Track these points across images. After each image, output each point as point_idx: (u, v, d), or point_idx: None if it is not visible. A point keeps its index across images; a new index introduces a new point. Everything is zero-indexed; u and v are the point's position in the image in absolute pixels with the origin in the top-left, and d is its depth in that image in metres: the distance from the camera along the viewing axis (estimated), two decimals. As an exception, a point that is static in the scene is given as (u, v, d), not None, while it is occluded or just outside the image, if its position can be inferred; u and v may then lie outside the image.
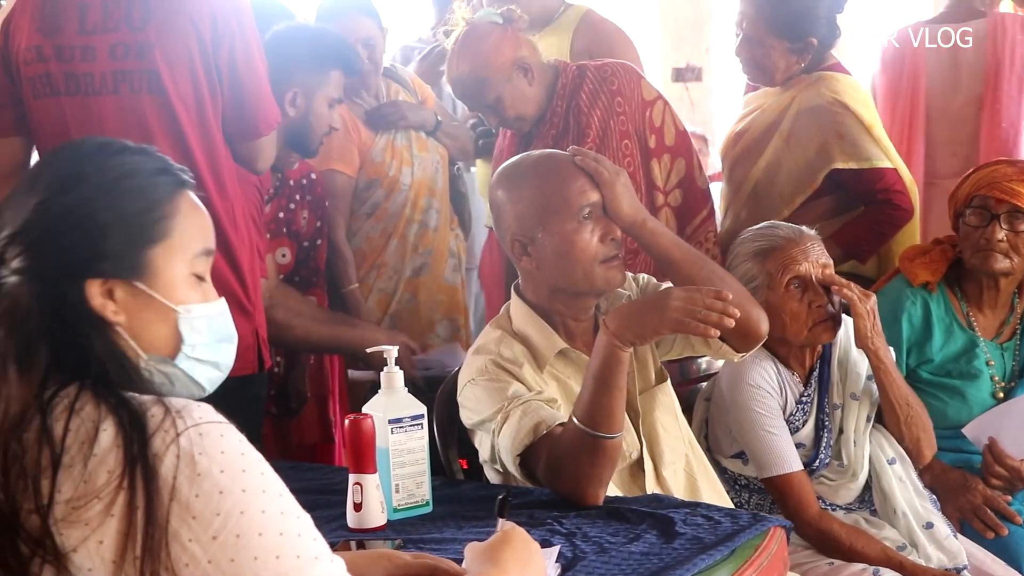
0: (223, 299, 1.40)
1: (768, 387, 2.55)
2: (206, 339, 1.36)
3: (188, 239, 1.34)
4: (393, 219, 3.54)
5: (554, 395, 2.18)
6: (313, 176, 3.26)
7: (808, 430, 2.59)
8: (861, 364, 2.62)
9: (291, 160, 3.12)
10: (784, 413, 2.56)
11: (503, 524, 1.53)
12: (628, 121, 3.14)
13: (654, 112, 3.11)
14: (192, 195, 1.37)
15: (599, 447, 1.98)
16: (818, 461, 2.58)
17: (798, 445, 2.56)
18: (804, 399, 2.60)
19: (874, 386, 2.61)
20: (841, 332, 2.61)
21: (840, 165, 3.14)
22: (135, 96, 2.48)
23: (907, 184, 3.22)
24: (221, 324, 1.38)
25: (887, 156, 3.18)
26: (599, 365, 2.01)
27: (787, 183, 3.21)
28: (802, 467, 2.54)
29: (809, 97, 3.19)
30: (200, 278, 1.36)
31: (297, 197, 3.21)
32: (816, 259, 2.57)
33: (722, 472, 2.62)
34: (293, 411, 3.24)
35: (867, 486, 2.63)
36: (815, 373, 2.63)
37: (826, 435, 2.59)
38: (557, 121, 3.15)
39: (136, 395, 1.22)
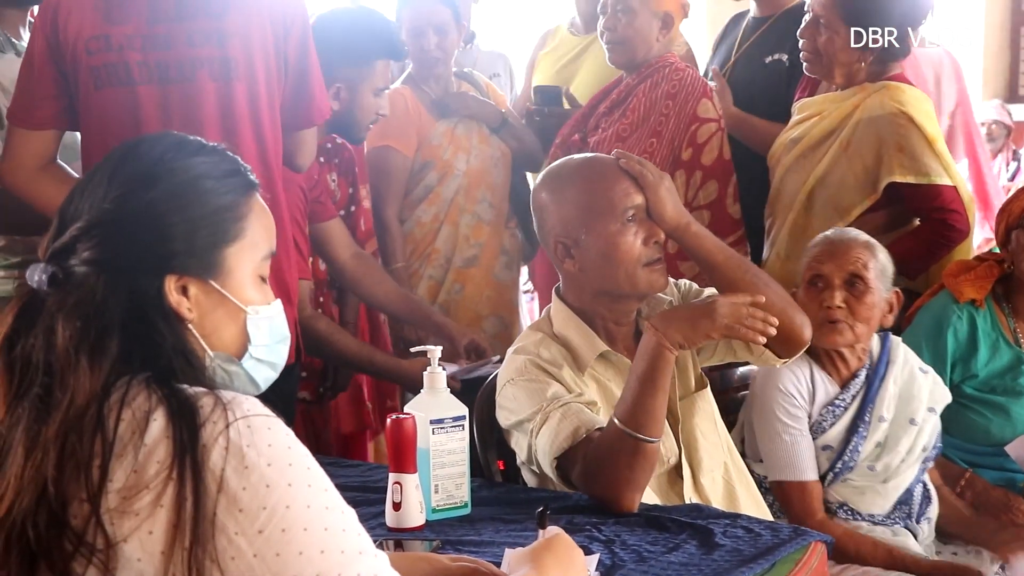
0: (279, 300, 1.41)
1: (796, 392, 2.56)
2: (267, 340, 1.38)
3: (258, 240, 1.36)
4: (445, 205, 3.55)
5: (594, 398, 2.17)
6: (338, 140, 3.21)
7: (838, 432, 2.59)
8: (925, 391, 2.62)
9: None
10: (811, 416, 2.57)
11: (546, 532, 1.53)
12: (666, 124, 3.15)
13: (701, 130, 3.17)
14: (259, 197, 1.38)
15: (639, 450, 1.97)
16: (842, 463, 2.58)
17: (825, 447, 2.57)
18: (838, 402, 2.60)
19: (936, 420, 2.62)
20: (902, 356, 2.62)
21: (898, 179, 3.07)
22: (214, 83, 2.48)
23: (965, 203, 3.14)
24: (279, 325, 1.40)
25: (947, 172, 3.09)
26: (646, 366, 2.02)
27: (844, 194, 3.15)
28: (816, 478, 2.55)
29: (873, 106, 3.12)
30: (264, 279, 1.38)
31: (321, 159, 3.14)
32: (845, 265, 2.57)
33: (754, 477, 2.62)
34: (327, 397, 3.23)
35: (902, 500, 2.61)
36: (859, 379, 2.62)
37: (857, 440, 2.58)
38: (619, 93, 3.29)
39: (187, 386, 1.23)
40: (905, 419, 2.60)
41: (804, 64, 3.26)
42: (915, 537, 2.60)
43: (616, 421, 2.00)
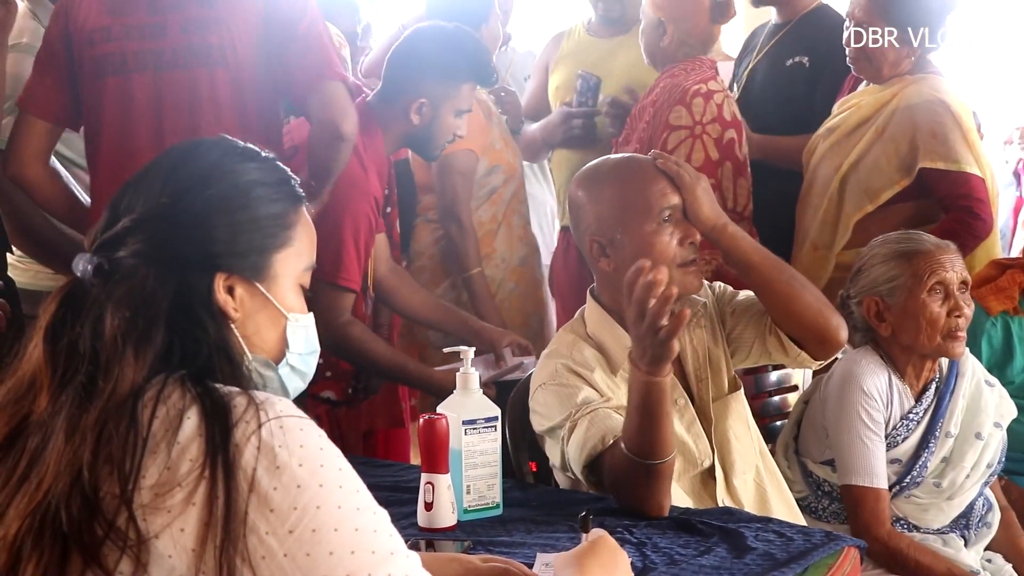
0: (312, 313, 1.43)
1: (878, 397, 2.50)
2: (302, 349, 1.40)
3: (303, 250, 1.39)
4: (503, 206, 3.61)
5: (624, 401, 2.17)
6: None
7: (908, 447, 2.53)
8: (991, 406, 2.57)
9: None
10: (887, 426, 2.52)
11: (590, 536, 1.52)
12: (646, 131, 3.24)
13: (671, 137, 3.17)
14: (306, 210, 1.41)
15: (652, 472, 1.96)
16: (910, 479, 2.53)
17: (894, 460, 2.52)
18: (912, 415, 2.54)
19: (1002, 434, 2.57)
20: (971, 368, 2.58)
21: (927, 164, 3.10)
22: (204, 70, 2.54)
23: (991, 197, 3.17)
24: (312, 336, 1.43)
25: (977, 163, 3.13)
26: (641, 398, 1.94)
27: (875, 178, 3.18)
28: (887, 487, 2.49)
29: (911, 94, 3.17)
30: (304, 290, 1.40)
31: None
32: (959, 271, 2.54)
33: (807, 476, 2.59)
34: (358, 399, 3.23)
35: (962, 513, 2.57)
36: (929, 392, 2.57)
37: (927, 455, 2.53)
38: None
39: (221, 386, 1.24)
40: (971, 434, 2.54)
41: (852, 67, 3.30)
42: (966, 543, 2.56)
43: (625, 449, 1.97)
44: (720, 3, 3.33)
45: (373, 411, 3.28)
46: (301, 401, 1.44)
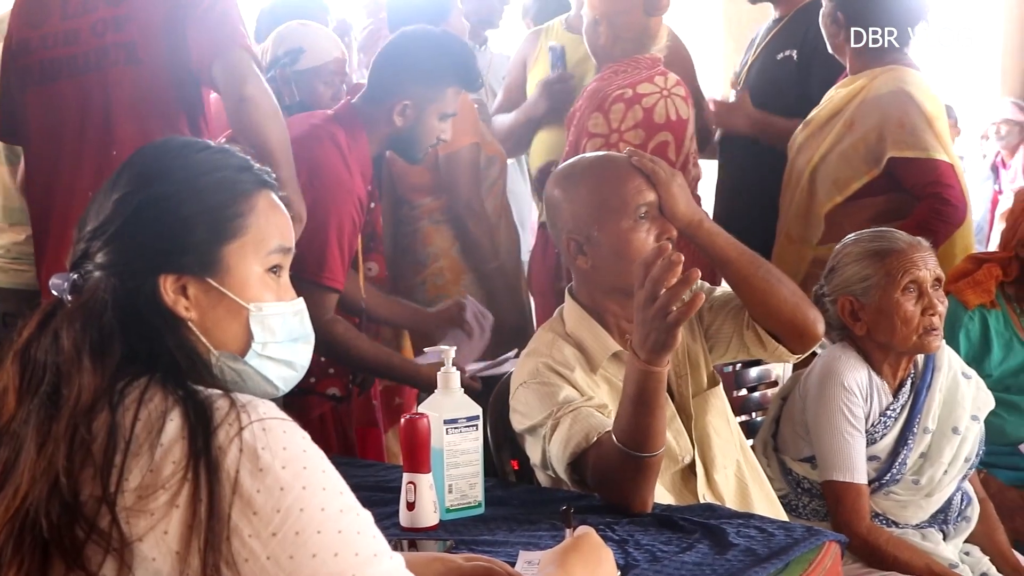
0: (301, 299, 1.41)
1: (858, 392, 2.50)
2: (279, 338, 1.37)
3: (263, 237, 1.35)
4: (500, 197, 3.67)
5: (605, 399, 2.17)
6: None
7: (886, 444, 2.53)
8: (968, 399, 2.58)
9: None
10: (867, 421, 2.52)
11: (574, 531, 1.53)
12: (568, 133, 3.32)
13: (588, 145, 3.22)
14: (273, 195, 1.38)
15: (641, 465, 1.96)
16: (889, 476, 2.53)
17: (872, 457, 2.52)
18: (890, 411, 2.54)
19: (980, 427, 2.57)
20: (947, 361, 2.58)
21: (895, 153, 3.14)
22: (116, 69, 2.54)
23: (960, 181, 3.20)
24: (296, 324, 1.39)
25: (945, 151, 3.16)
26: (637, 389, 1.93)
27: (843, 167, 3.22)
28: (866, 482, 2.50)
29: (877, 85, 3.21)
30: (278, 276, 1.37)
31: None
32: (932, 269, 2.54)
33: (786, 473, 2.60)
34: (357, 393, 3.21)
35: (940, 508, 2.57)
36: (905, 388, 2.57)
37: (905, 452, 2.53)
38: None
39: (204, 388, 1.23)
40: (948, 428, 2.55)
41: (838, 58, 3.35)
42: (944, 537, 2.57)
43: (616, 441, 1.97)
44: None
45: (352, 412, 3.28)
46: (306, 399, 1.44)
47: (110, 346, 1.24)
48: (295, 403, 2.58)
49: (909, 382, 2.58)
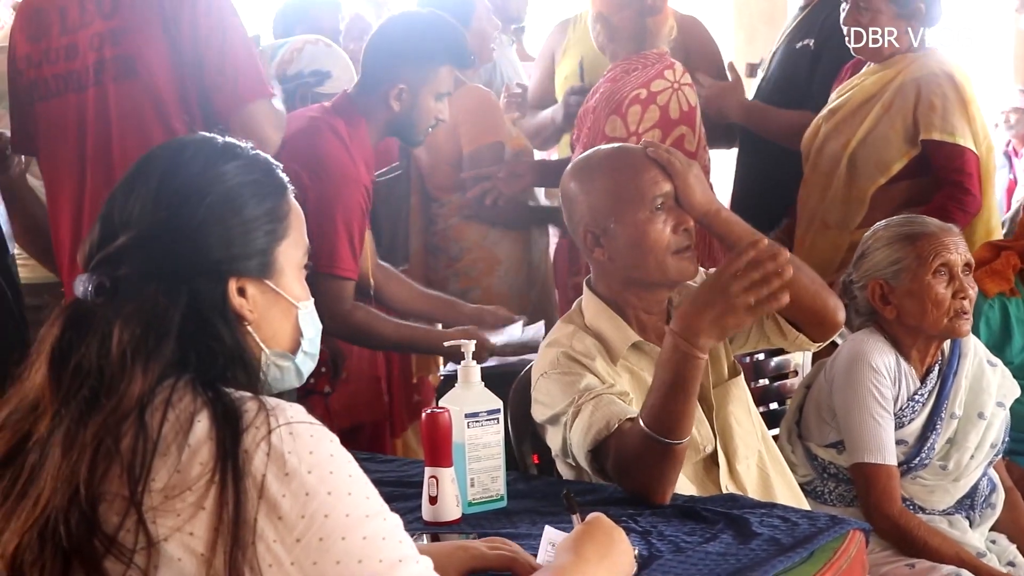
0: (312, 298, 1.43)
1: (887, 373, 2.51)
2: (312, 334, 1.40)
3: (299, 237, 1.38)
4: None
5: (626, 388, 2.17)
6: None
7: (915, 428, 2.54)
8: (993, 386, 2.58)
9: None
10: (895, 404, 2.52)
11: (588, 518, 1.52)
12: (581, 134, 3.36)
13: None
14: (291, 195, 1.40)
15: (668, 452, 1.95)
16: (917, 460, 2.53)
17: (900, 441, 2.52)
18: (918, 396, 2.55)
19: (1005, 414, 2.57)
20: (972, 348, 2.58)
21: (925, 135, 3.16)
22: (116, 84, 2.54)
23: (982, 174, 3.20)
24: (316, 319, 1.43)
25: (974, 139, 3.17)
26: (674, 375, 1.93)
27: (884, 149, 3.23)
28: (896, 463, 2.49)
29: (917, 68, 3.23)
30: (304, 275, 1.40)
31: None
32: (963, 253, 2.54)
33: (812, 459, 2.59)
34: (336, 384, 3.21)
35: (967, 494, 2.58)
36: (932, 374, 2.57)
37: (933, 436, 2.53)
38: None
39: (232, 390, 1.24)
40: (974, 414, 2.55)
41: (853, 48, 3.32)
42: (970, 524, 2.57)
43: (643, 425, 1.97)
44: None
45: (358, 406, 3.28)
46: (308, 400, 1.46)
47: (163, 351, 1.24)
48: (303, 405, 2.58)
49: (937, 368, 2.58)
